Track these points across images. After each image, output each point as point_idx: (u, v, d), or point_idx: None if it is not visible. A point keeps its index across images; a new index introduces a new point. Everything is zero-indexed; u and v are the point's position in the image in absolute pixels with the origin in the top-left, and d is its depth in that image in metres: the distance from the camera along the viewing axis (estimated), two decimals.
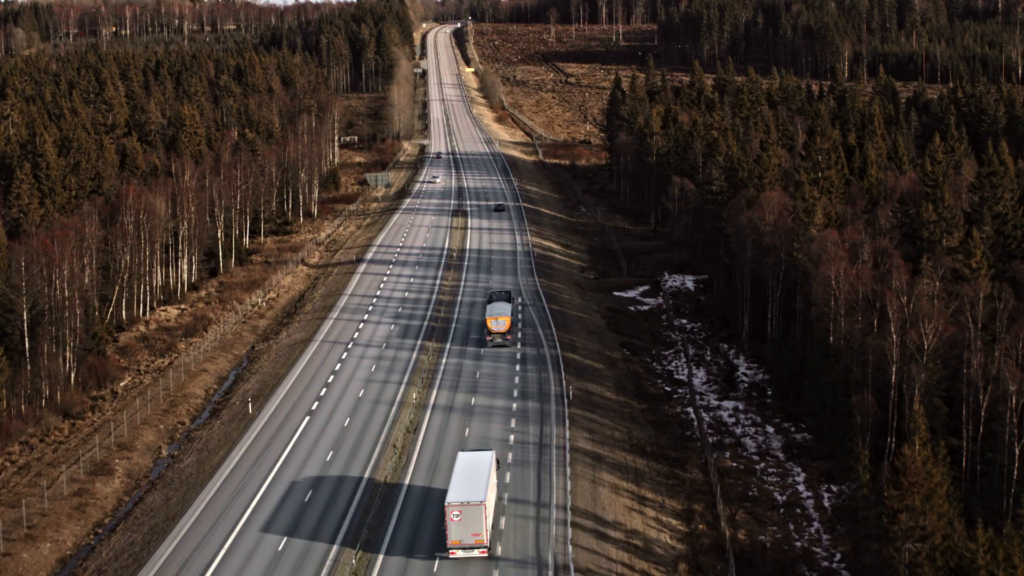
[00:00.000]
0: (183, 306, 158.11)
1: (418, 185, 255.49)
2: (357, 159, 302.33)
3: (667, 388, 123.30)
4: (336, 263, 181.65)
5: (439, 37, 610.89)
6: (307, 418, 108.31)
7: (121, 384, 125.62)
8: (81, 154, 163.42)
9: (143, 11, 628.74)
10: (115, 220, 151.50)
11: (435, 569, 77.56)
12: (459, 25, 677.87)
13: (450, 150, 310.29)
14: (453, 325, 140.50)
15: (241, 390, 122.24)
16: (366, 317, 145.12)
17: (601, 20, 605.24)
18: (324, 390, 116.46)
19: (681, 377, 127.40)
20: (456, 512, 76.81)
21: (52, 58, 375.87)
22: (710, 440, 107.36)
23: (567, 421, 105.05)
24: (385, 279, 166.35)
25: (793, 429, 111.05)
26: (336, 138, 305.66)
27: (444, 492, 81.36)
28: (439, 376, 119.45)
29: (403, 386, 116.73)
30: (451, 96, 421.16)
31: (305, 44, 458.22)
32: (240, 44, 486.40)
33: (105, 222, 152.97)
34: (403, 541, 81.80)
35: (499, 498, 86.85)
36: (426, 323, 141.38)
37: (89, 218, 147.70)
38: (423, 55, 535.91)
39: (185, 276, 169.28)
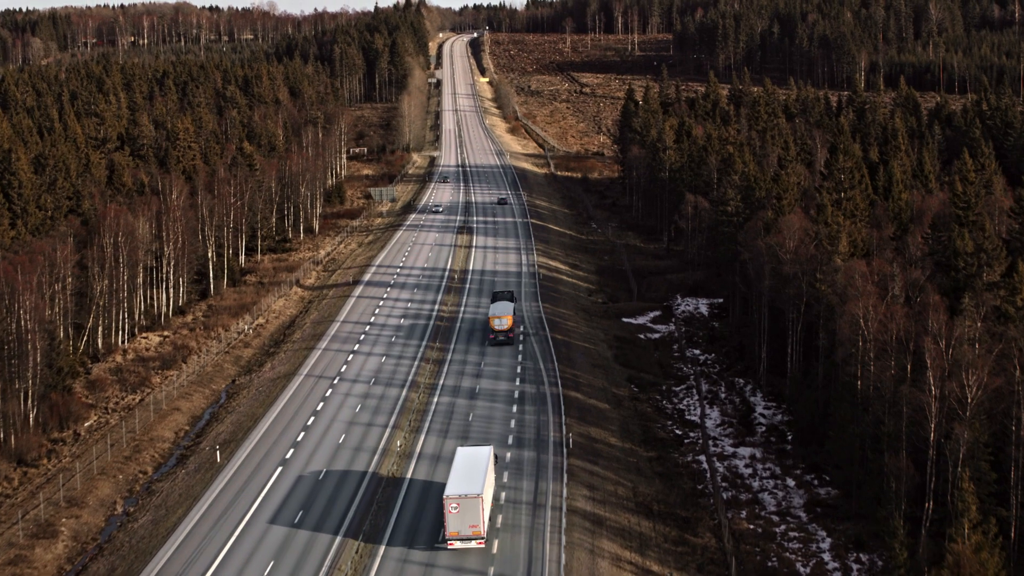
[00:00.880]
0: (166, 333, 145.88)
1: (424, 199, 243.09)
2: (365, 171, 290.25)
3: (677, 431, 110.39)
4: (332, 285, 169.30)
5: (455, 47, 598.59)
6: (279, 469, 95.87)
7: (85, 424, 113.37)
8: (58, 171, 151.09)
9: (160, 21, 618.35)
10: (92, 242, 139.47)
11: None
12: (476, 35, 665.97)
13: (460, 162, 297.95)
14: (449, 355, 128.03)
15: (213, 433, 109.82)
16: (356, 347, 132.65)
17: (617, 30, 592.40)
18: (302, 434, 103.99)
19: (693, 418, 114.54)
20: (454, 504, 78.29)
21: (61, 68, 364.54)
22: (724, 496, 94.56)
23: (565, 476, 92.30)
24: (381, 303, 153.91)
25: (816, 482, 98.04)
26: (344, 150, 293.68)
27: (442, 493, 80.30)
28: (428, 419, 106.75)
29: (388, 430, 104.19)
30: (464, 106, 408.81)
31: (320, 54, 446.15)
32: (255, 54, 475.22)
33: (83, 244, 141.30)
34: None
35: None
36: (419, 355, 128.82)
37: (63, 241, 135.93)
38: (438, 65, 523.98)
39: (172, 299, 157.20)
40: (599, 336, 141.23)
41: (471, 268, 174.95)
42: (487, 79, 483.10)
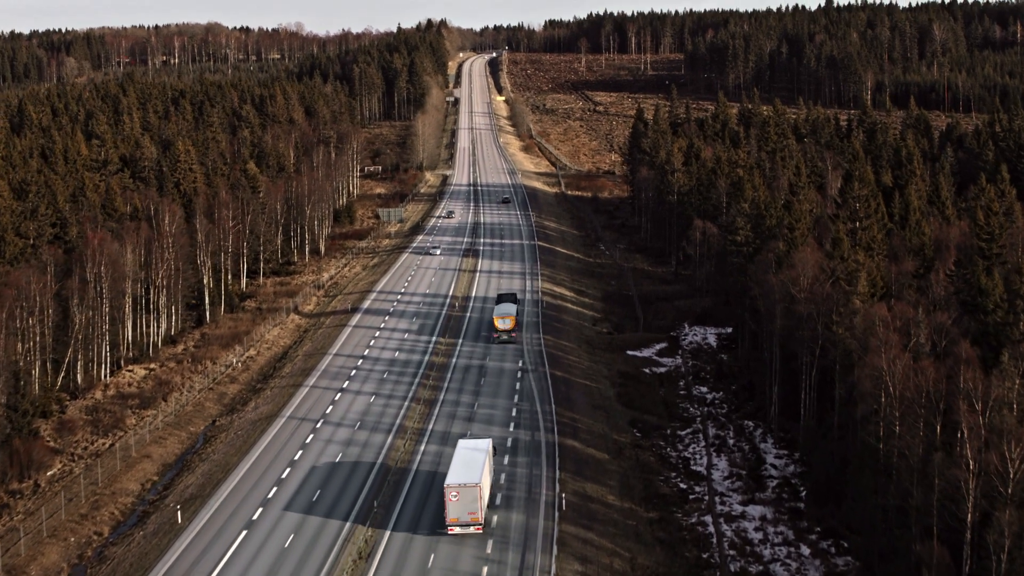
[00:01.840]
0: (153, 366, 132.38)
1: (433, 220, 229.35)
2: (378, 190, 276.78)
3: (682, 485, 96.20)
4: (330, 312, 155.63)
5: (475, 66, 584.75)
6: (244, 532, 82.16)
7: (48, 474, 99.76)
8: (40, 198, 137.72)
9: (191, 41, 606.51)
10: (73, 272, 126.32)
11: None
12: (495, 54, 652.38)
13: (472, 181, 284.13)
14: (442, 395, 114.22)
15: (181, 485, 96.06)
16: (346, 384, 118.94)
17: (630, 50, 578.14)
18: (274, 490, 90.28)
19: (699, 468, 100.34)
20: (454, 493, 79.36)
21: (85, 87, 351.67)
22: (732, 568, 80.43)
23: (555, 547, 78.16)
24: (377, 334, 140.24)
25: (834, 550, 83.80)
26: (358, 168, 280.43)
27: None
28: (410, 477, 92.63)
29: (366, 489, 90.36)
30: (480, 124, 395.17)
31: (343, 73, 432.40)
32: (279, 73, 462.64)
33: (65, 273, 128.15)
34: None
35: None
36: (411, 394, 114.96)
37: (40, 271, 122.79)
38: (457, 83, 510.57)
39: (163, 329, 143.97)
40: (602, 372, 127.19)
41: (474, 295, 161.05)
42: (503, 98, 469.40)
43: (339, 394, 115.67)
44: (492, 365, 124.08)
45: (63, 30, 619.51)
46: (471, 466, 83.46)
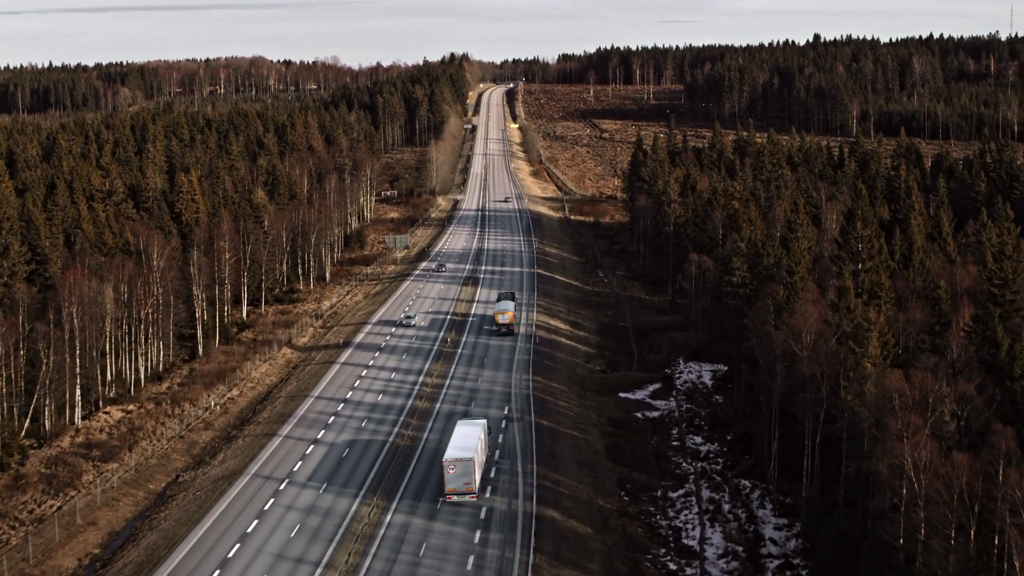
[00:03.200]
0: (131, 407, 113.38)
1: (438, 246, 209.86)
2: (392, 214, 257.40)
3: (672, 566, 76.49)
4: (323, 346, 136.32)
5: (493, 96, 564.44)
6: None
7: None
8: (12, 235, 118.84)
9: (235, 72, 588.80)
10: (44, 313, 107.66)
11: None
12: (511, 85, 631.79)
13: (481, 206, 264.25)
14: (418, 451, 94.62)
15: (121, 563, 76.85)
16: (320, 435, 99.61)
17: (635, 81, 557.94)
18: (216, 573, 71.08)
19: (691, 543, 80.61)
20: (452, 466, 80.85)
21: (127, 115, 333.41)
22: None
23: None
24: (364, 372, 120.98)
25: None
26: (373, 194, 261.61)
27: None
28: (368, 561, 73.21)
29: (320, 570, 71.11)
30: (494, 150, 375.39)
31: (370, 103, 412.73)
32: (314, 102, 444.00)
33: (40, 313, 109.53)
34: None
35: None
36: (384, 452, 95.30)
37: (11, 312, 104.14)
38: (476, 112, 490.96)
39: (153, 363, 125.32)
40: (591, 419, 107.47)
41: (468, 326, 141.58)
42: (517, 125, 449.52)
43: (311, 446, 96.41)
44: (477, 412, 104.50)
45: (123, 63, 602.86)
46: (466, 444, 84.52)
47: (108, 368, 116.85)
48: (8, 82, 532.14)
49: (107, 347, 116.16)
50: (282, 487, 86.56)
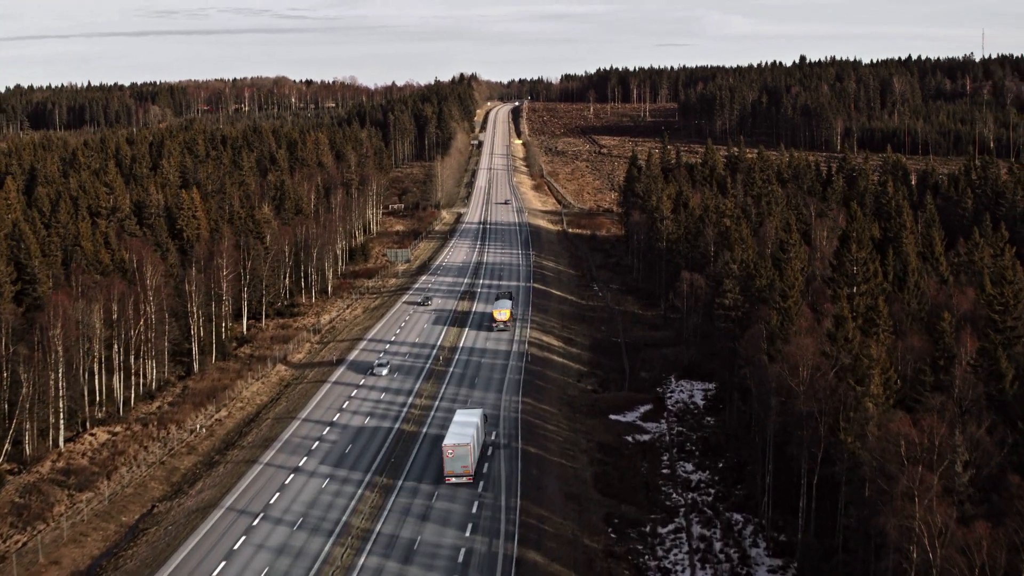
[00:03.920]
0: (117, 428, 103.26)
1: (439, 260, 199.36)
2: (397, 227, 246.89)
3: None
4: (317, 363, 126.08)
5: (500, 113, 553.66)
6: None
7: None
8: None
9: (259, 91, 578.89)
10: (26, 335, 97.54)
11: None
12: (517, 104, 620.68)
13: (483, 219, 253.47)
14: (400, 481, 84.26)
15: None
16: (303, 462, 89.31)
17: (632, 99, 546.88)
18: None
19: None
20: (450, 451, 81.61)
21: (143, 132, 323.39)
22: None
23: None
24: (354, 393, 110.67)
25: None
26: (380, 207, 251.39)
27: None
28: None
29: None
30: (498, 165, 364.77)
31: (383, 120, 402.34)
32: (330, 119, 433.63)
33: (23, 334, 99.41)
34: None
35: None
36: (367, 479, 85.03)
37: None
38: (483, 128, 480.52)
39: (146, 381, 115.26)
40: (580, 444, 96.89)
41: (461, 345, 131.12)
42: (521, 141, 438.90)
43: (292, 475, 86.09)
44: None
45: (155, 82, 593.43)
46: (464, 430, 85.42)
47: (96, 388, 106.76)
48: (47, 100, 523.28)
49: (95, 367, 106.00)
50: (255, 523, 76.25)
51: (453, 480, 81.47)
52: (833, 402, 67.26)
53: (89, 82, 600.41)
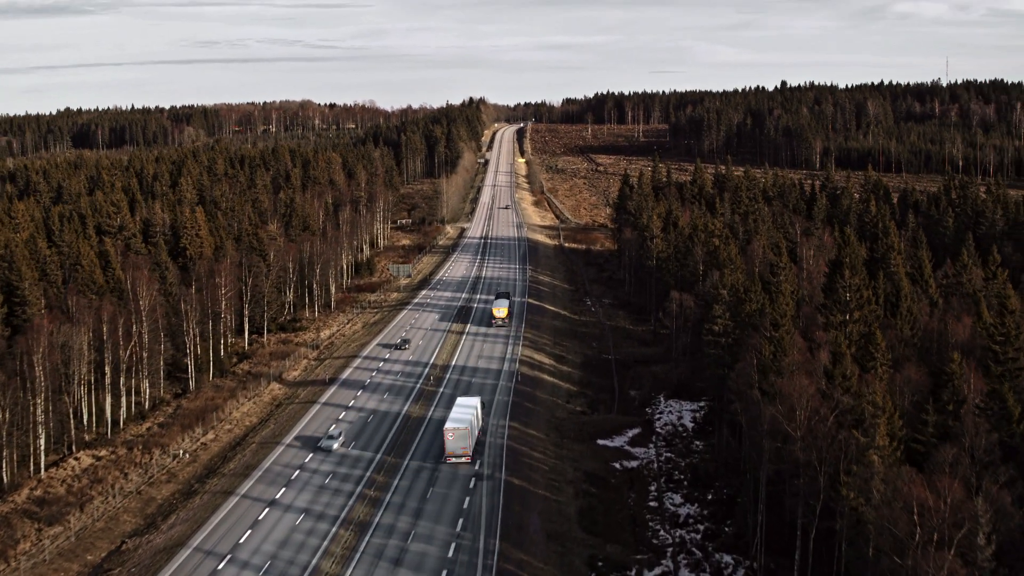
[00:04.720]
0: (102, 452, 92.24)
1: (440, 274, 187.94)
2: (403, 241, 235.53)
3: None
4: (311, 381, 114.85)
5: (505, 134, 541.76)
6: None
7: None
8: None
9: (285, 113, 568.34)
10: (3, 362, 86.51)
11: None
12: (522, 125, 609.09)
13: (484, 234, 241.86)
14: (376, 518, 72.93)
15: None
16: (280, 494, 78.11)
17: (627, 121, 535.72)
18: None
19: None
20: (451, 433, 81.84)
21: (177, 151, 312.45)
22: None
23: None
24: (343, 415, 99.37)
25: None
26: (388, 222, 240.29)
27: None
28: None
29: None
30: (502, 182, 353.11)
31: (397, 140, 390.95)
32: (348, 139, 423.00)
33: (8, 359, 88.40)
34: None
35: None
36: (344, 513, 73.72)
37: None
38: (489, 148, 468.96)
39: (137, 403, 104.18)
40: (566, 474, 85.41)
41: (454, 363, 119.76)
42: (524, 159, 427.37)
43: (267, 509, 74.90)
44: (445, 470, 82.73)
45: (192, 105, 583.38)
46: (463, 415, 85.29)
47: (83, 411, 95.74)
48: (91, 122, 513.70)
49: (83, 390, 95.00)
50: (221, 566, 65.13)
51: (453, 460, 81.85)
52: (833, 450, 55.93)
53: (132, 105, 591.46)
